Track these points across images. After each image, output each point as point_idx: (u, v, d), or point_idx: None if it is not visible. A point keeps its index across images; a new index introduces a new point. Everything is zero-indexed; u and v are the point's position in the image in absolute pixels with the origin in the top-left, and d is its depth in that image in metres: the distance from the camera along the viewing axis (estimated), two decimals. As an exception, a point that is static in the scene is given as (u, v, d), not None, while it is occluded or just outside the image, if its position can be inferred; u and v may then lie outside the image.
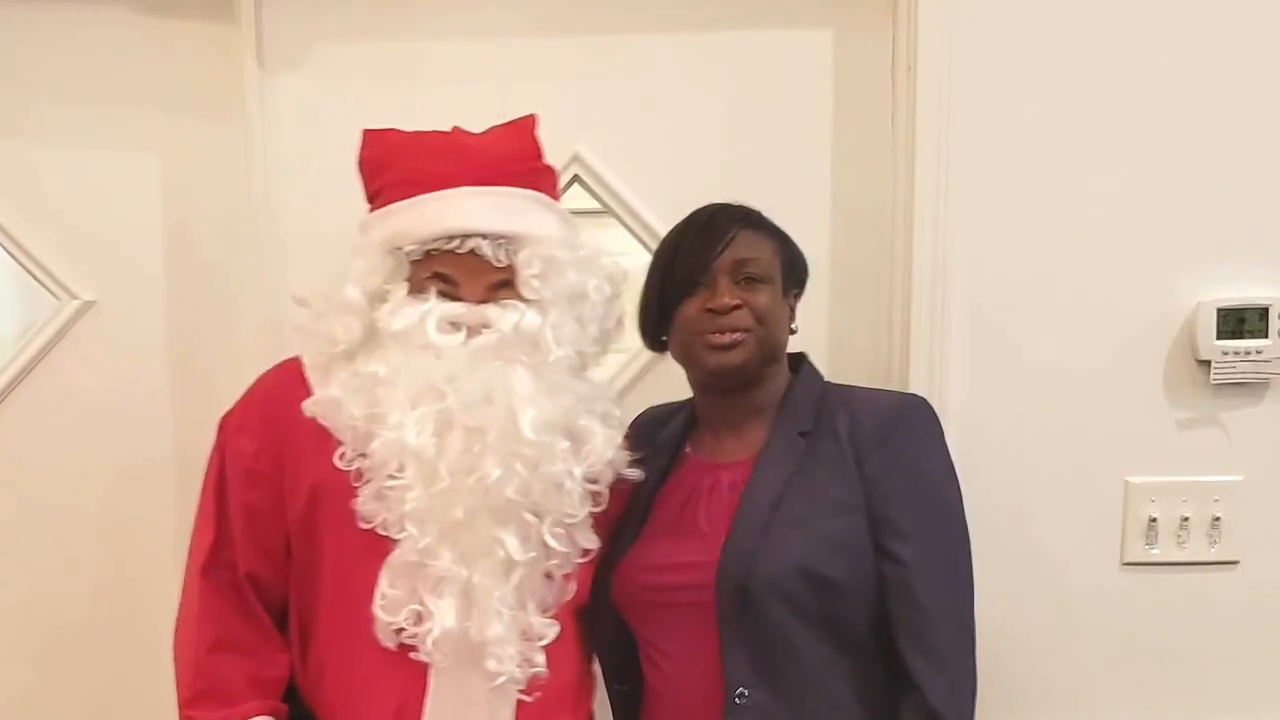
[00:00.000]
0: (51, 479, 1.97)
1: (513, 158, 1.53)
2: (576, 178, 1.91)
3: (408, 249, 1.49)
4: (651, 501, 1.56)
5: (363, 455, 1.43)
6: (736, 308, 1.46)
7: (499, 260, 1.48)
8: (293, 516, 1.49)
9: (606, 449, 1.48)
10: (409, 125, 1.56)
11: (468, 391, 1.42)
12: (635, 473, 1.53)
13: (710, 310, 1.47)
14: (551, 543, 1.44)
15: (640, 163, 1.90)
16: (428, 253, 1.48)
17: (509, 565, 1.42)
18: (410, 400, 1.41)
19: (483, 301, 1.48)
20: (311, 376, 1.51)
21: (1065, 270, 1.80)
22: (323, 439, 1.45)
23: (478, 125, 1.58)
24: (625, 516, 1.56)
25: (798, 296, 1.58)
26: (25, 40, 1.91)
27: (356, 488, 1.43)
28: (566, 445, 1.44)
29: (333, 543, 1.47)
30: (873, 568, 1.44)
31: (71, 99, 1.92)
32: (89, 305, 1.95)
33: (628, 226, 1.93)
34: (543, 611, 1.46)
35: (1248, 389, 1.80)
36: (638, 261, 1.68)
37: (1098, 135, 1.78)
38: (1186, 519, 1.82)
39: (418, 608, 1.41)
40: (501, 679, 1.41)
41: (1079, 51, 1.77)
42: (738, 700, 1.42)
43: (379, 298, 1.49)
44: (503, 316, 1.46)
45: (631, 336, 1.62)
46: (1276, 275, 1.78)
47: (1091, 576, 1.84)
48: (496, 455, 1.40)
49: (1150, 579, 1.84)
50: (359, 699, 1.45)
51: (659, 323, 1.54)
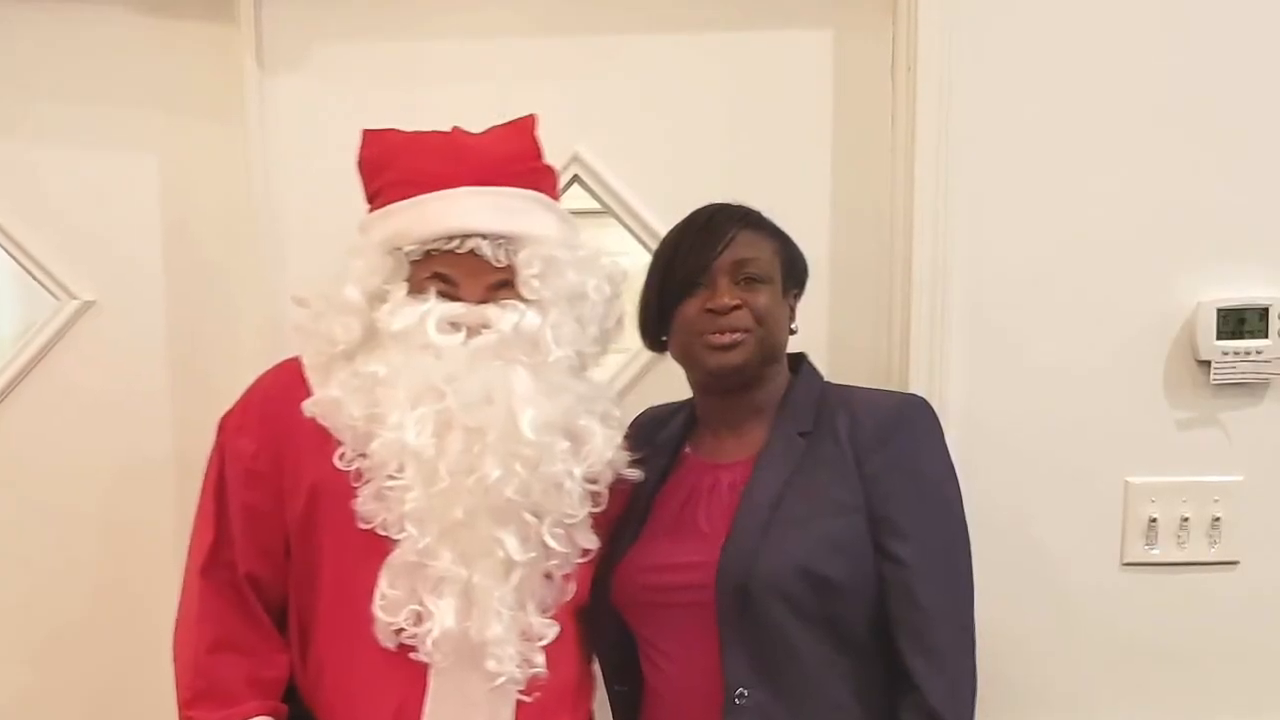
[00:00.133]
0: (51, 479, 1.97)
1: (512, 158, 1.53)
2: (576, 178, 1.91)
3: (407, 249, 1.49)
4: (651, 502, 1.56)
5: (362, 455, 1.43)
6: (736, 308, 1.46)
7: (499, 260, 1.48)
8: (292, 517, 1.49)
9: (606, 449, 1.48)
10: (409, 125, 1.56)
11: (467, 392, 1.41)
12: (635, 473, 1.53)
13: (710, 310, 1.47)
14: (551, 543, 1.44)
15: (640, 163, 1.90)
16: (427, 253, 1.48)
17: (509, 565, 1.42)
18: (410, 400, 1.41)
19: (482, 301, 1.47)
20: (311, 377, 1.51)
21: (1065, 270, 1.80)
22: (322, 439, 1.45)
23: (478, 125, 1.57)
24: (625, 517, 1.56)
25: (798, 297, 1.58)
26: (25, 40, 1.91)
27: (356, 488, 1.43)
28: (566, 445, 1.44)
29: (332, 543, 1.47)
30: (872, 568, 1.44)
31: (71, 99, 1.92)
32: (88, 305, 1.95)
33: (627, 226, 1.93)
34: (542, 612, 1.46)
35: (1248, 389, 1.80)
36: (637, 261, 1.68)
37: (1098, 135, 1.78)
38: (1186, 519, 1.82)
39: (417, 608, 1.41)
40: (501, 679, 1.41)
41: (1079, 51, 1.77)
42: (737, 700, 1.41)
43: (379, 298, 1.49)
44: (502, 317, 1.46)
45: (631, 336, 1.62)
46: (1276, 275, 1.78)
47: (1091, 576, 1.84)
48: (496, 455, 1.40)
49: (1150, 579, 1.84)
50: (359, 699, 1.45)
51: (659, 323, 1.54)
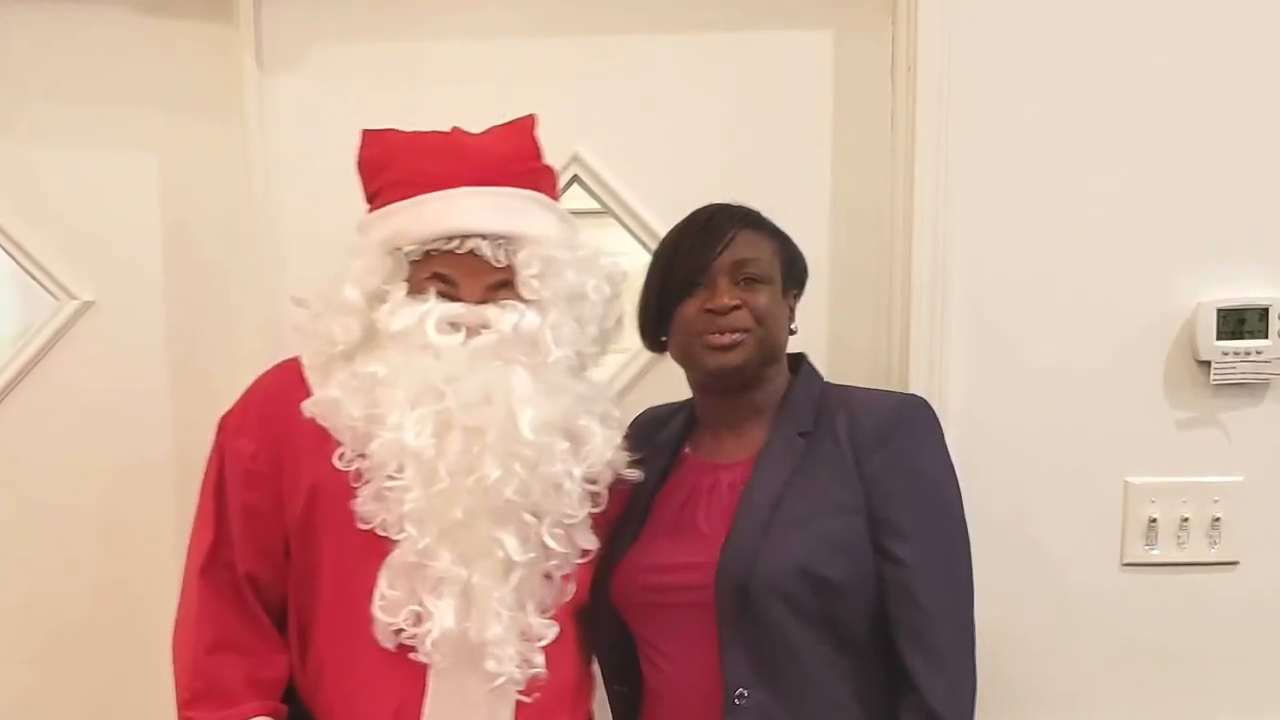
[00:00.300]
0: (51, 479, 1.97)
1: (512, 158, 1.53)
2: (576, 178, 1.91)
3: (407, 249, 1.49)
4: (651, 502, 1.56)
5: (362, 456, 1.43)
6: (736, 308, 1.46)
7: (498, 260, 1.48)
8: (292, 517, 1.49)
9: (606, 449, 1.48)
10: (409, 125, 1.56)
11: (467, 392, 1.41)
12: (634, 473, 1.53)
13: (710, 310, 1.47)
14: (551, 543, 1.44)
15: (640, 163, 1.90)
16: (427, 253, 1.48)
17: (508, 566, 1.41)
18: (409, 401, 1.41)
19: (482, 302, 1.47)
20: (310, 377, 1.51)
21: (1065, 270, 1.80)
22: (322, 439, 1.45)
23: (478, 125, 1.57)
24: (625, 517, 1.56)
25: (797, 297, 1.58)
26: (24, 40, 1.90)
27: (355, 488, 1.43)
28: (566, 446, 1.44)
29: (332, 543, 1.46)
30: (872, 568, 1.44)
31: (71, 99, 1.92)
32: (88, 305, 1.95)
33: (627, 227, 1.93)
34: (542, 612, 1.46)
35: (1248, 389, 1.80)
36: (637, 262, 1.68)
37: (1098, 135, 1.78)
38: (1186, 519, 1.82)
39: (417, 608, 1.41)
40: (501, 680, 1.41)
41: (1079, 51, 1.77)
42: (737, 701, 1.41)
43: (378, 298, 1.49)
44: (502, 317, 1.46)
45: (631, 337, 1.62)
46: (1276, 275, 1.78)
47: (1091, 577, 1.84)
48: (496, 456, 1.40)
49: (1150, 579, 1.84)
50: (358, 699, 1.45)
51: (658, 323, 1.54)
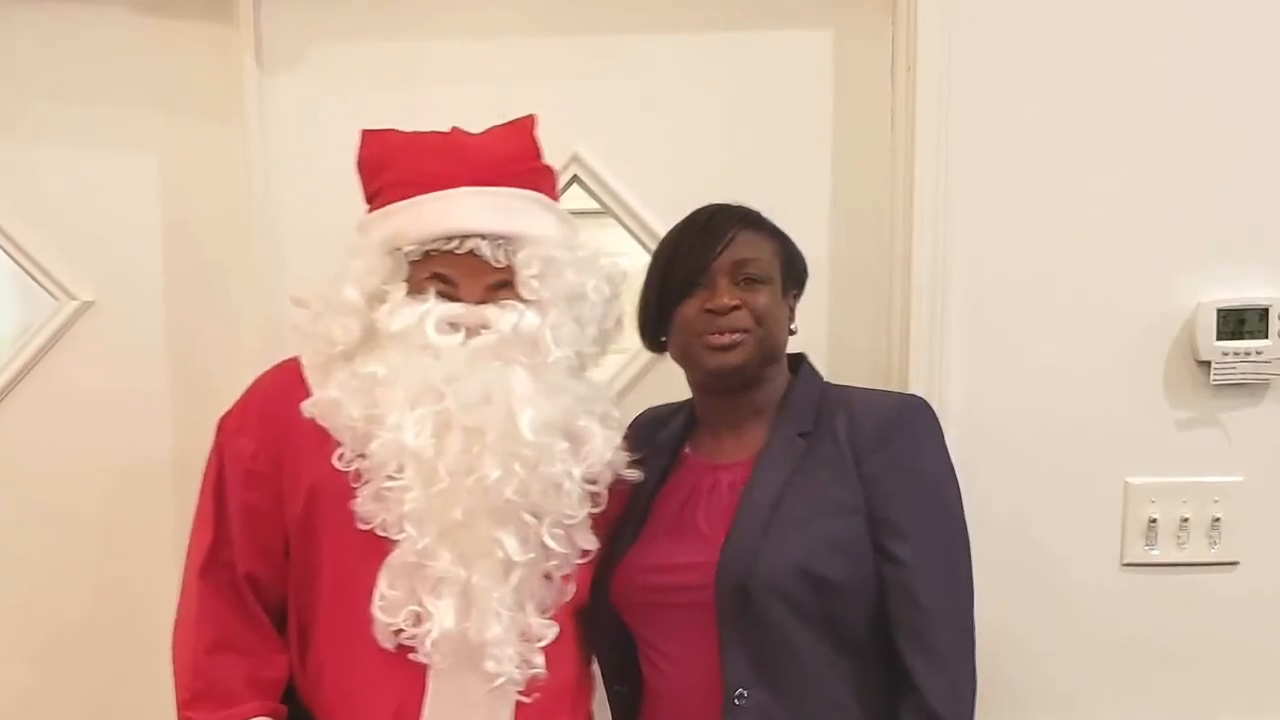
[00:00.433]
0: (51, 479, 1.97)
1: (512, 158, 1.53)
2: (576, 178, 1.91)
3: (406, 249, 1.49)
4: (651, 502, 1.56)
5: (361, 456, 1.43)
6: (736, 308, 1.46)
7: (498, 261, 1.48)
8: (291, 517, 1.48)
9: (605, 450, 1.48)
10: (408, 125, 1.56)
11: (466, 392, 1.41)
12: (634, 473, 1.53)
13: (709, 311, 1.47)
14: (550, 544, 1.44)
15: (640, 163, 1.90)
16: (426, 253, 1.48)
17: (508, 566, 1.41)
18: (409, 401, 1.41)
19: (481, 302, 1.47)
20: (310, 377, 1.51)
21: (1065, 270, 1.80)
22: (321, 440, 1.45)
23: (477, 125, 1.57)
24: (624, 517, 1.56)
25: (797, 297, 1.58)
26: (25, 40, 1.90)
27: (355, 488, 1.43)
28: (565, 446, 1.44)
29: (331, 543, 1.46)
30: (872, 568, 1.44)
31: (71, 99, 1.92)
32: (88, 305, 1.95)
33: (627, 227, 1.92)
34: (542, 612, 1.46)
35: (1248, 389, 1.80)
36: (637, 262, 1.68)
37: (1098, 135, 1.78)
38: (1186, 520, 1.82)
39: (417, 609, 1.41)
40: (500, 680, 1.41)
41: (1079, 51, 1.77)
42: (737, 701, 1.41)
43: (378, 298, 1.49)
44: (501, 317, 1.46)
45: (631, 337, 1.62)
46: (1276, 275, 1.78)
47: (1091, 577, 1.84)
48: (495, 456, 1.40)
49: (1150, 580, 1.84)
50: (358, 700, 1.45)
51: (658, 323, 1.54)
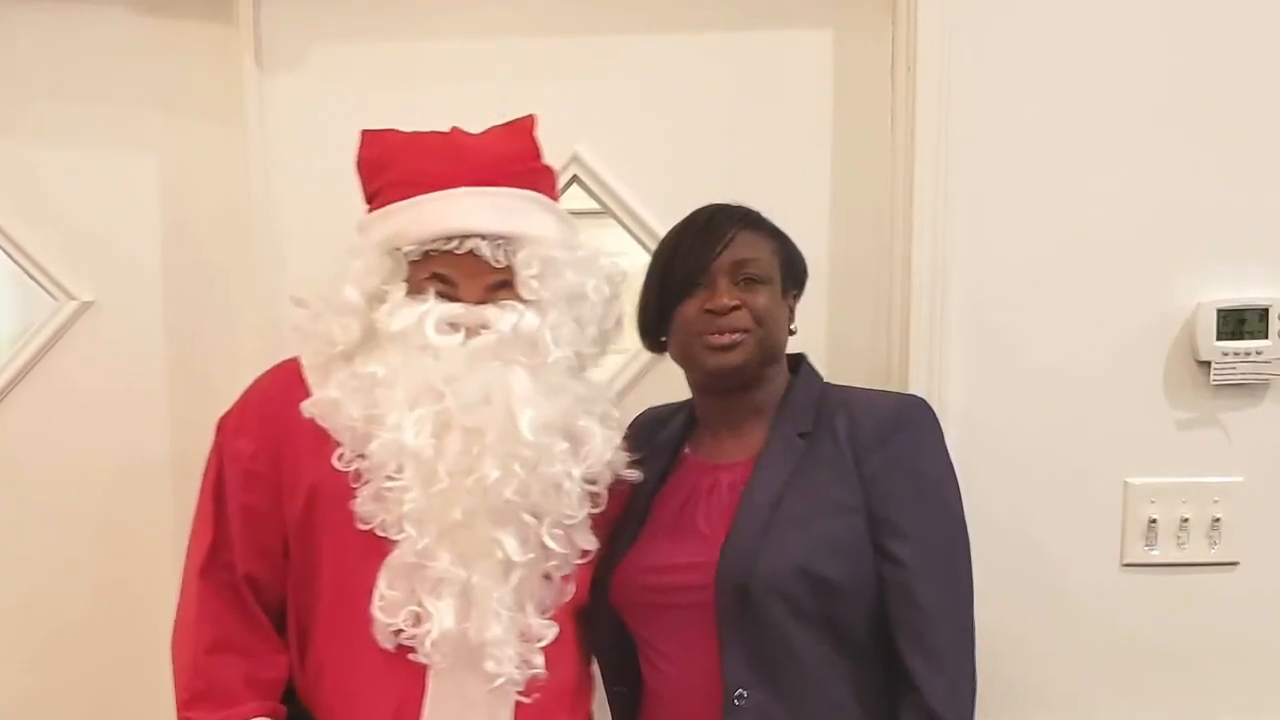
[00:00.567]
0: (50, 479, 1.97)
1: (511, 158, 1.53)
2: (576, 178, 1.91)
3: (406, 249, 1.49)
4: (650, 502, 1.56)
5: (361, 456, 1.43)
6: (735, 308, 1.46)
7: (497, 261, 1.47)
8: (291, 517, 1.48)
9: (605, 450, 1.48)
10: (408, 125, 1.56)
11: (466, 392, 1.41)
12: (634, 474, 1.53)
13: (709, 311, 1.47)
14: (550, 544, 1.44)
15: (640, 163, 1.90)
16: (426, 253, 1.48)
17: (508, 566, 1.41)
18: (409, 401, 1.41)
19: (481, 302, 1.47)
20: (310, 377, 1.51)
21: (1065, 270, 1.80)
22: (321, 440, 1.45)
23: (477, 125, 1.57)
24: (624, 517, 1.56)
25: (797, 297, 1.58)
26: (25, 40, 1.90)
27: (355, 489, 1.43)
28: (565, 446, 1.44)
29: (331, 544, 1.46)
30: (872, 568, 1.44)
31: (71, 99, 1.92)
32: (87, 306, 1.95)
33: (627, 227, 1.92)
34: (541, 613, 1.46)
35: (1248, 389, 1.80)
36: (637, 262, 1.68)
37: (1098, 135, 1.78)
38: (1186, 520, 1.82)
39: (416, 609, 1.41)
40: (500, 680, 1.41)
41: (1079, 51, 1.77)
42: (737, 701, 1.41)
43: (377, 298, 1.49)
44: (501, 317, 1.46)
45: (630, 337, 1.62)
46: (1276, 275, 1.78)
47: (1091, 577, 1.84)
48: (495, 456, 1.40)
49: (1150, 580, 1.84)
50: (357, 700, 1.45)
51: (658, 323, 1.54)
